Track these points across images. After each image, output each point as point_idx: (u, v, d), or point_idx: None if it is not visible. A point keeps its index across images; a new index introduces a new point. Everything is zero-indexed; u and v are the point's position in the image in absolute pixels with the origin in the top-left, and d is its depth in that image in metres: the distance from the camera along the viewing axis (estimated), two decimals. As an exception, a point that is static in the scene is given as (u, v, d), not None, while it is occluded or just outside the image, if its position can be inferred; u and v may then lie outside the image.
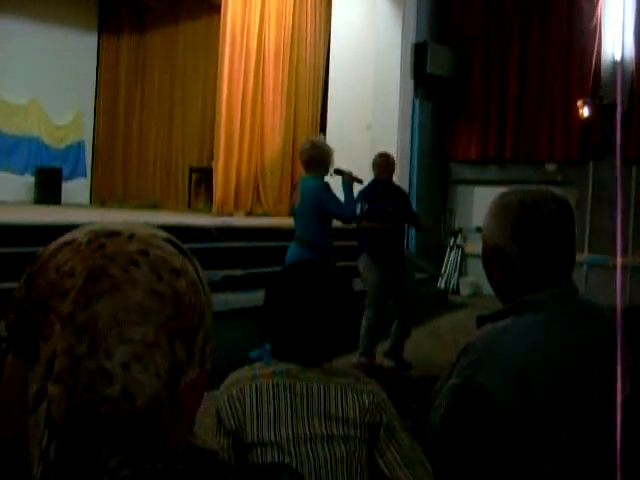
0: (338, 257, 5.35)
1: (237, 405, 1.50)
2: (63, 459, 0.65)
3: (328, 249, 5.23)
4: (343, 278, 1.67)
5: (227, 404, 1.51)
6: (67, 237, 0.73)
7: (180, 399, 0.71)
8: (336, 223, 5.51)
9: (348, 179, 5.38)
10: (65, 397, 0.65)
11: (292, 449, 1.46)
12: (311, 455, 1.47)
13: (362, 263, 5.95)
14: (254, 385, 1.51)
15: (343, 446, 1.49)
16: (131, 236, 0.72)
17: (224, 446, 1.50)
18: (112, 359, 0.66)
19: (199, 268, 0.77)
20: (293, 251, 5.19)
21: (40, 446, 0.65)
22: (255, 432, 1.47)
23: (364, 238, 6.05)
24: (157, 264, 0.71)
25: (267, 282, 1.67)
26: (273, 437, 1.47)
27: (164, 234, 0.77)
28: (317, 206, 5.11)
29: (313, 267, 1.69)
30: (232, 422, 1.49)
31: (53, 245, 0.73)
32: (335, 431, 1.49)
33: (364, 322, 5.78)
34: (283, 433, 1.47)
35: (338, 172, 5.46)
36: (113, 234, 0.72)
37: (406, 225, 6.53)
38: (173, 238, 0.77)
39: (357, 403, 1.51)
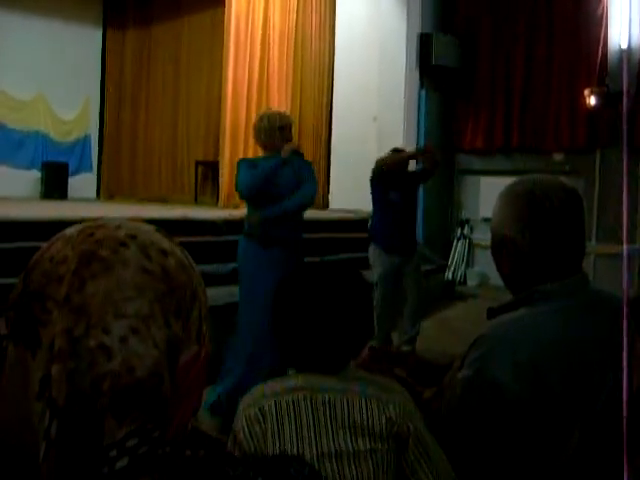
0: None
1: (257, 427, 1.43)
2: (66, 437, 0.66)
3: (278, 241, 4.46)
4: (359, 280, 1.59)
5: (246, 426, 1.44)
6: (58, 235, 0.76)
7: (181, 375, 0.73)
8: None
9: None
10: (65, 376, 0.66)
11: (317, 467, 1.38)
12: (337, 473, 1.40)
13: (371, 253, 6.00)
14: (273, 402, 1.45)
15: (370, 461, 1.42)
16: (118, 225, 0.76)
17: None
18: (110, 334, 0.68)
19: (187, 255, 0.81)
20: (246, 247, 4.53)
21: (42, 426, 0.66)
22: (277, 452, 1.40)
23: (374, 228, 6.10)
24: (145, 245, 0.74)
25: (275, 292, 1.57)
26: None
27: (151, 226, 0.81)
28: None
29: (324, 271, 1.61)
30: (251, 444, 1.43)
31: (46, 243, 0.76)
32: (362, 446, 1.42)
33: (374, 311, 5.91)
34: (307, 451, 1.40)
35: (297, 153, 4.56)
36: (101, 225, 0.76)
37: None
38: (160, 229, 0.81)
39: (383, 414, 1.44)
